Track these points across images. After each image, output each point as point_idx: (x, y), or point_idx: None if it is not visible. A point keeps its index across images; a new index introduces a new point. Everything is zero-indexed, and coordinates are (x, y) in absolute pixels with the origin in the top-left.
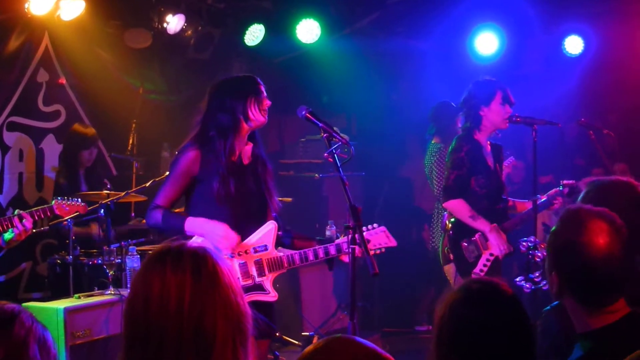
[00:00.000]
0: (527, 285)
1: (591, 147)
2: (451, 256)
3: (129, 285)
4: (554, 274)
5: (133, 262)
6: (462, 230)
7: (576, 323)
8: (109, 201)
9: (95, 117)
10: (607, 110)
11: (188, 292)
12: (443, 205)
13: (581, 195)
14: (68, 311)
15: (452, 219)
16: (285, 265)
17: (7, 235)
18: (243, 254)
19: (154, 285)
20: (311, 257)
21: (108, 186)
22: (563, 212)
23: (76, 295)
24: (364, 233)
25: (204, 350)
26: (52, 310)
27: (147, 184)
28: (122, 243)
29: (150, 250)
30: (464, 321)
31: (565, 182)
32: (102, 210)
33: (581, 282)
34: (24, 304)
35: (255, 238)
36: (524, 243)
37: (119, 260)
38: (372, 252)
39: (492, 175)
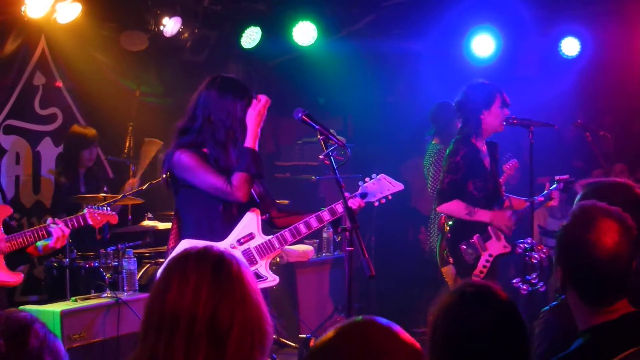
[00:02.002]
0: (524, 287)
1: (588, 149)
2: (450, 259)
3: (125, 288)
4: (559, 268)
5: (130, 265)
6: (460, 232)
7: (577, 319)
8: (105, 204)
9: (92, 120)
10: (604, 112)
11: (206, 284)
12: (437, 209)
13: (578, 196)
14: (65, 314)
15: (450, 222)
16: (277, 245)
17: (41, 243)
18: (226, 249)
19: (174, 278)
20: (304, 230)
21: (105, 189)
22: (575, 207)
23: (73, 298)
24: (361, 186)
25: (218, 342)
26: (48, 313)
27: (144, 187)
28: (119, 246)
29: (147, 253)
30: (457, 324)
31: (558, 177)
32: None
33: (585, 280)
34: (21, 307)
35: (237, 230)
36: (520, 245)
37: (116, 263)
38: (376, 203)
39: (489, 177)
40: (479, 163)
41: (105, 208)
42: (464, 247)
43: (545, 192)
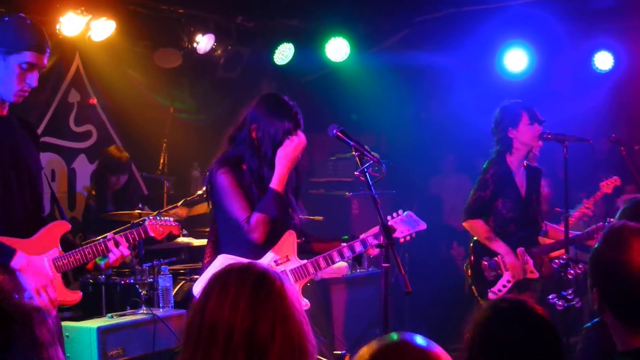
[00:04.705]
0: (560, 303)
1: (622, 164)
2: (469, 272)
3: (161, 305)
4: (595, 290)
5: (165, 282)
6: (484, 248)
7: (617, 340)
8: (140, 221)
9: (126, 137)
10: (638, 126)
11: (245, 297)
12: (462, 224)
13: (619, 212)
14: (101, 331)
15: (475, 238)
16: (311, 271)
17: (102, 260)
18: (271, 266)
19: (214, 290)
20: (337, 258)
21: (140, 206)
22: (607, 228)
23: (109, 314)
24: (390, 221)
25: (257, 358)
26: (85, 329)
27: (179, 204)
28: (154, 262)
29: (182, 269)
30: (493, 341)
31: (611, 219)
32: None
33: (621, 301)
34: None
35: (275, 250)
36: (556, 260)
37: (151, 280)
38: (402, 240)
39: (521, 200)
40: (511, 183)
41: (167, 218)
42: (485, 263)
43: (589, 229)
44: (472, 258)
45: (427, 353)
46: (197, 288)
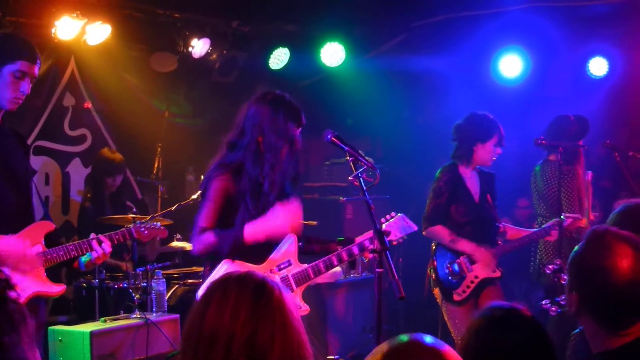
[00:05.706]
0: (553, 309)
1: (617, 169)
2: (433, 276)
3: (154, 309)
4: (574, 293)
5: (159, 286)
6: (445, 251)
7: (592, 343)
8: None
9: (121, 141)
10: (632, 132)
11: (246, 305)
12: (423, 233)
13: (610, 216)
14: (94, 335)
15: (436, 242)
16: (312, 275)
17: (84, 258)
18: (268, 275)
19: (214, 298)
20: (336, 262)
21: (133, 210)
22: (589, 232)
23: (102, 318)
24: (384, 224)
25: None
26: (78, 333)
27: (173, 208)
28: (148, 267)
29: (175, 274)
30: (488, 347)
31: (567, 214)
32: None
33: (602, 305)
34: (50, 327)
35: (277, 255)
36: (549, 266)
37: (145, 284)
38: (395, 242)
39: (475, 204)
40: (463, 189)
41: (154, 223)
42: (448, 266)
43: (546, 226)
44: (434, 262)
45: (437, 351)
46: (201, 294)
